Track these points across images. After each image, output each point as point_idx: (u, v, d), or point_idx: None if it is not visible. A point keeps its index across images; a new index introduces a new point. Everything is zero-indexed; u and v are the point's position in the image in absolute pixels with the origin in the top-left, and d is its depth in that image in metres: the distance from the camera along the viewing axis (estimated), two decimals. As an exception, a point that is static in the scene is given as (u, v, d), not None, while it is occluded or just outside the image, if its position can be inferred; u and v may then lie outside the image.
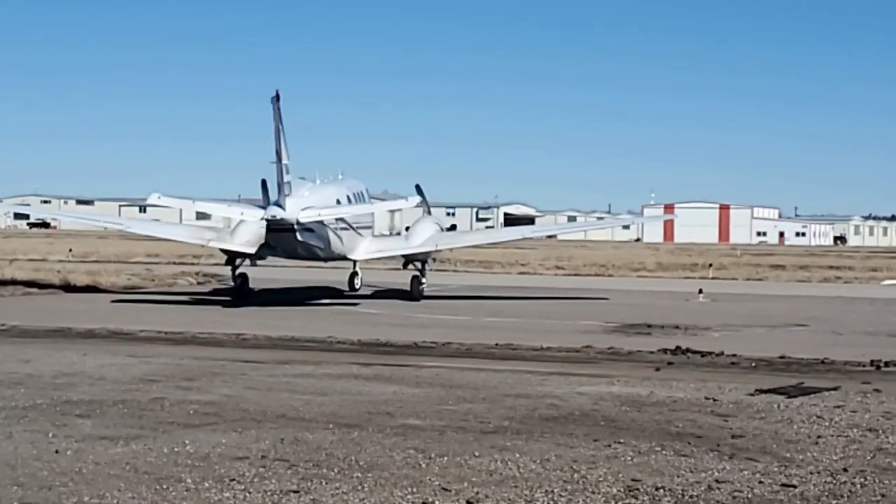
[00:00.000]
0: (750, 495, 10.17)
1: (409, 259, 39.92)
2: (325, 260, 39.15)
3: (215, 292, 39.56)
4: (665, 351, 21.93)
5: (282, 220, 34.15)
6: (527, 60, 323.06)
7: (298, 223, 34.23)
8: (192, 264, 57.70)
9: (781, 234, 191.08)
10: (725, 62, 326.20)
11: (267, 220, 34.35)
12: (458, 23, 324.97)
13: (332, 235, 36.44)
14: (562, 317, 30.90)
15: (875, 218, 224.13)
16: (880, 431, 13.36)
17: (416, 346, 22.54)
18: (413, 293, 37.65)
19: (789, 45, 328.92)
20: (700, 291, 40.04)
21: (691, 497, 10.07)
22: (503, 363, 19.74)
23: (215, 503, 9.62)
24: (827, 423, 13.85)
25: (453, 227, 49.45)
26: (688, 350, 21.98)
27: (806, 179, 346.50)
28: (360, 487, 10.16)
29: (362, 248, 38.74)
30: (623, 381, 17.49)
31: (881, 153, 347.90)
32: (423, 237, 39.28)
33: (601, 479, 10.65)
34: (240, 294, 36.57)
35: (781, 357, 21.03)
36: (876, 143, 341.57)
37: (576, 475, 10.77)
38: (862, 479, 10.80)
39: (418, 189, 42.18)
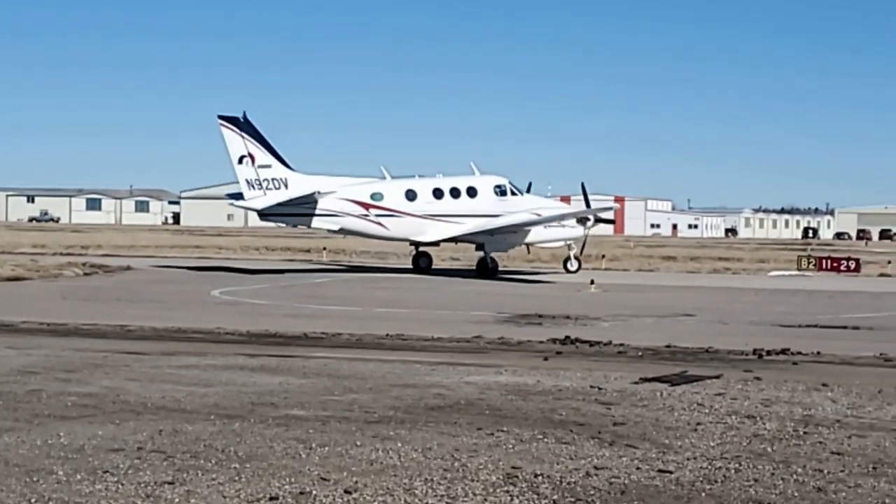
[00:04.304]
0: (627, 481, 10.27)
1: (469, 242, 48.95)
2: (389, 239, 49.64)
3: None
4: (554, 341, 22.06)
5: (245, 208, 49.38)
6: (417, 50, 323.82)
7: (262, 210, 46.51)
8: (80, 255, 56.72)
9: (674, 227, 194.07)
10: (614, 49, 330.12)
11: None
12: (375, 10, 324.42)
13: (352, 220, 47.19)
14: (454, 307, 30.97)
15: (765, 211, 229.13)
16: (758, 418, 13.58)
17: (306, 336, 22.36)
18: (479, 272, 47.21)
19: (677, 32, 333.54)
20: (592, 282, 40.42)
21: (569, 483, 10.13)
22: (393, 353, 19.68)
23: (86, 495, 9.42)
24: (707, 411, 14.04)
25: (603, 221, 53.69)
26: (577, 340, 22.15)
27: (699, 173, 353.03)
28: (237, 478, 10.03)
29: (434, 233, 47.91)
30: (511, 370, 17.55)
31: (772, 147, 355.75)
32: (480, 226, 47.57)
33: (481, 466, 10.66)
34: (414, 267, 49.78)
35: (668, 346, 21.29)
36: (766, 138, 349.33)
37: (456, 463, 10.77)
38: (737, 465, 10.98)
39: (583, 187, 51.51)
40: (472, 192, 48.36)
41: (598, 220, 51.57)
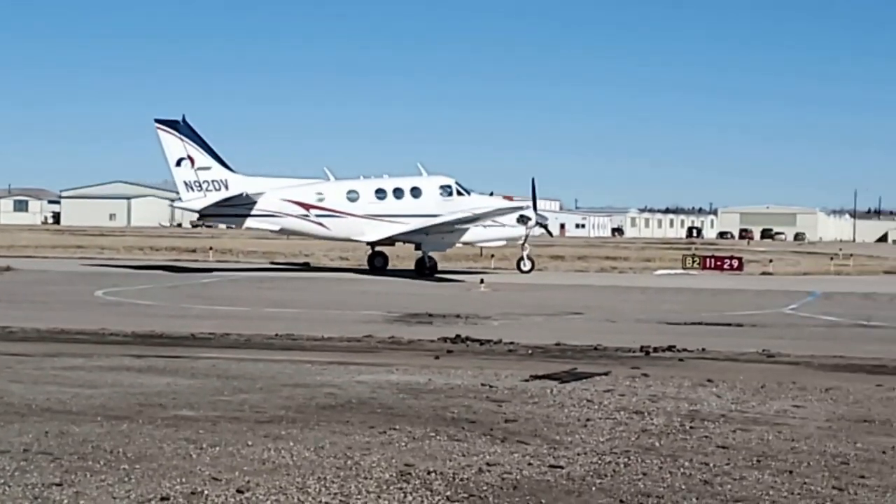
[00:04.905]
0: (518, 476, 10.36)
1: (407, 242, 49.21)
2: (331, 239, 50.75)
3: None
4: (445, 339, 22.14)
5: (184, 209, 50.62)
6: (292, 49, 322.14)
7: (201, 211, 47.62)
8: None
9: (562, 226, 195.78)
10: (502, 48, 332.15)
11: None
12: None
13: (293, 220, 47.77)
14: (344, 307, 30.89)
15: (650, 210, 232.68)
16: (646, 414, 13.80)
17: (193, 337, 22.08)
18: (417, 271, 47.57)
19: (565, 28, 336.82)
20: (481, 281, 40.68)
21: (462, 480, 10.18)
22: (282, 353, 19.54)
23: (-30, 500, 9.20)
24: (596, 407, 14.22)
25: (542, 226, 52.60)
26: (467, 338, 22.26)
27: (585, 173, 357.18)
28: (126, 479, 9.87)
29: (374, 233, 48.32)
30: (402, 369, 17.56)
31: (657, 148, 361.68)
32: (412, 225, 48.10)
33: (374, 464, 10.66)
34: (370, 267, 50.13)
35: (557, 344, 21.51)
36: (651, 139, 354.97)
37: (349, 461, 10.75)
38: (626, 459, 11.14)
39: (532, 184, 51.46)
40: (416, 192, 48.83)
41: (539, 224, 51.09)
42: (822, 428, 13.11)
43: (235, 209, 47.47)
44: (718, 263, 58.08)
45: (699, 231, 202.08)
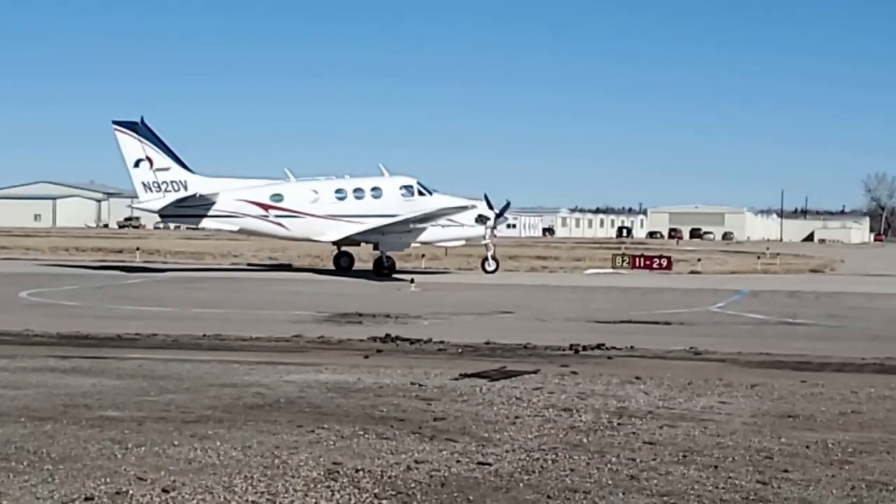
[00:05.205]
0: (447, 474, 10.36)
1: (365, 242, 49.22)
2: (290, 239, 51.08)
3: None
4: (375, 339, 22.09)
5: (143, 209, 51.04)
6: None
7: (160, 211, 47.89)
8: None
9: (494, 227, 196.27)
10: (439, 47, 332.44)
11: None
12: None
13: (252, 221, 47.93)
14: (273, 307, 30.72)
15: (581, 210, 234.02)
16: (574, 411, 13.87)
17: (120, 338, 21.81)
18: (375, 271, 47.44)
19: (496, 30, 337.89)
20: (412, 281, 40.67)
21: (390, 477, 10.17)
22: (210, 353, 19.38)
23: None
24: (525, 405, 14.26)
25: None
26: (397, 338, 22.23)
27: (516, 173, 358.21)
28: (50, 479, 9.74)
29: (337, 231, 48.25)
30: (332, 368, 17.49)
31: (587, 148, 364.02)
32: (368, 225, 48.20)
33: (302, 463, 10.61)
34: (336, 267, 50.44)
35: (487, 343, 21.56)
36: (582, 139, 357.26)
37: (277, 460, 10.69)
38: (554, 456, 11.18)
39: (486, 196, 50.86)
40: (377, 192, 48.84)
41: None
42: (748, 423, 13.26)
43: (194, 209, 47.51)
44: (648, 263, 58.60)
45: (629, 231, 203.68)
